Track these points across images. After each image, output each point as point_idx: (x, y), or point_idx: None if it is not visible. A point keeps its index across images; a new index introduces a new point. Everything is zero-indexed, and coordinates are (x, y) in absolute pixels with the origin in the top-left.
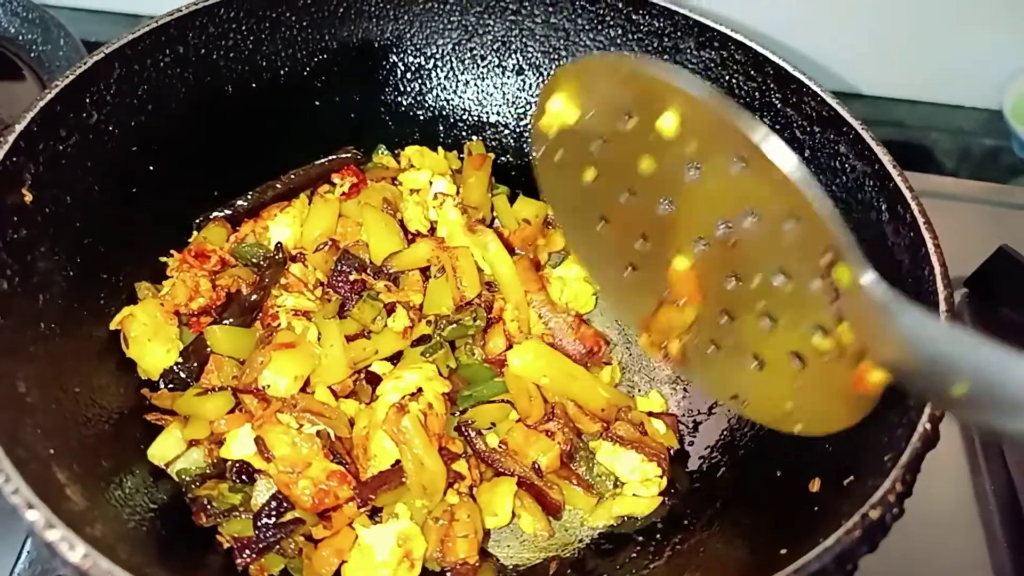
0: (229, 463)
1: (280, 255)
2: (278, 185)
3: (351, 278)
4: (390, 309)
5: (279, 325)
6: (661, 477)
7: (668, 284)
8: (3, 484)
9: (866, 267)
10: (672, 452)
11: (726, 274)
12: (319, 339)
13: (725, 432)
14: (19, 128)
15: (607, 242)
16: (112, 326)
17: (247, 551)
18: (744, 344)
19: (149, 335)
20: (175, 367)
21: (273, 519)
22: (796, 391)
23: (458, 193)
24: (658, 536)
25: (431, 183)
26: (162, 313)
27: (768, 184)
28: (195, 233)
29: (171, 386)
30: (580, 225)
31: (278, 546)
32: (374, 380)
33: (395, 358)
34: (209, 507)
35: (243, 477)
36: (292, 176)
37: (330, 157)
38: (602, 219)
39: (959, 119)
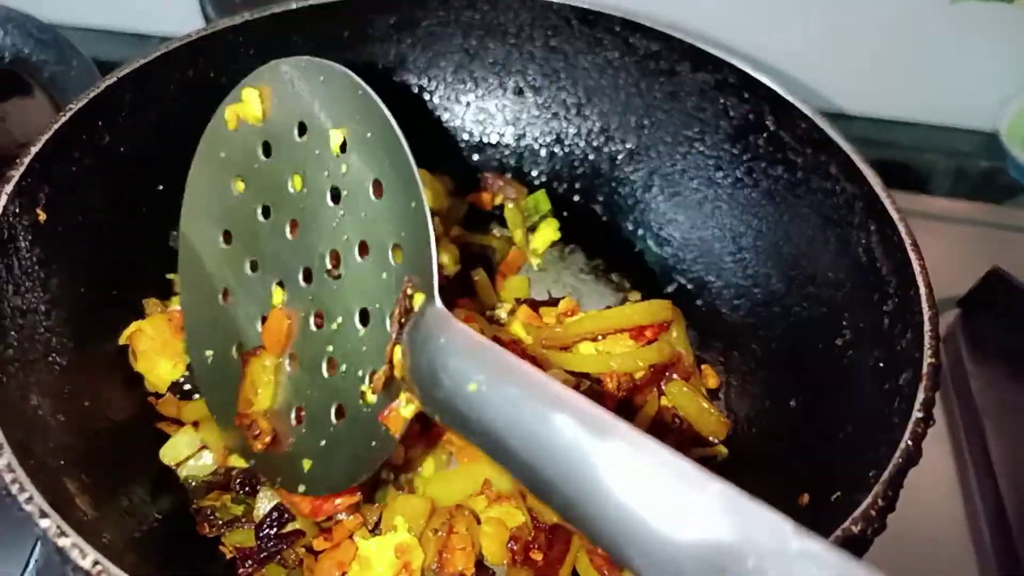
0: (235, 473)
1: None
2: None
3: None
4: None
5: None
6: None
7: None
8: (18, 493)
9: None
10: None
11: (311, 314)
12: None
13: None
14: (34, 150)
15: (216, 261)
16: (121, 341)
17: (249, 561)
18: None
19: (157, 349)
20: (182, 380)
21: (274, 529)
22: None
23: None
24: None
25: None
26: (170, 328)
27: (395, 214)
28: None
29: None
30: (200, 235)
31: (279, 557)
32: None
33: None
34: (212, 517)
35: (247, 488)
36: None
37: None
38: (226, 232)
39: (955, 140)
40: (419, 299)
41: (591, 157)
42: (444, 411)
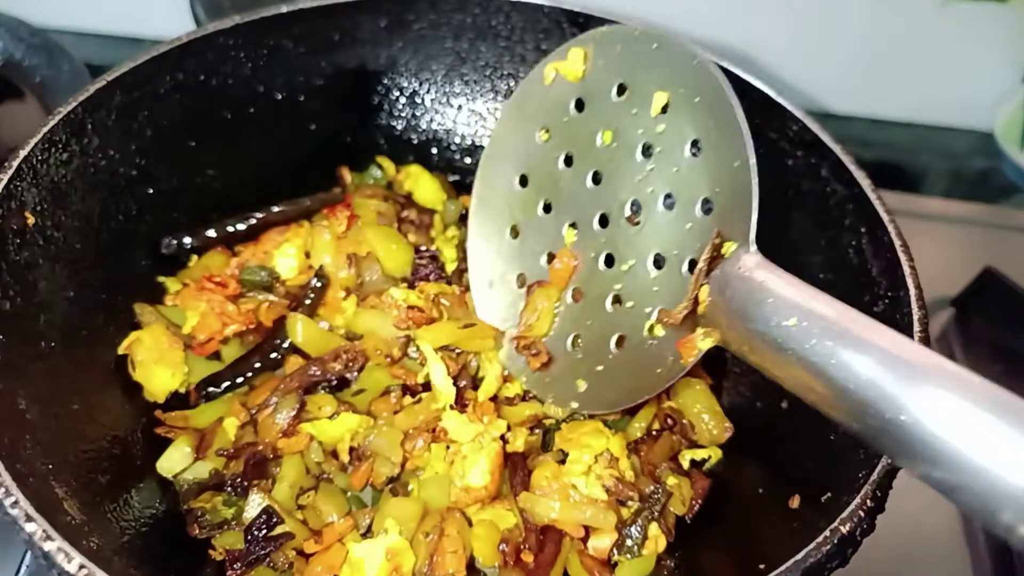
0: (229, 475)
1: (321, 281)
2: (271, 213)
3: None
4: None
5: None
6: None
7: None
8: (3, 497)
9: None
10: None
11: (601, 255)
12: None
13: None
14: (23, 153)
15: (510, 201)
16: (120, 351)
17: (238, 563)
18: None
19: (155, 359)
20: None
21: (263, 532)
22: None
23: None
24: None
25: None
26: (168, 338)
27: (711, 171)
28: (194, 257)
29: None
30: (498, 177)
31: (269, 560)
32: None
33: None
34: (202, 519)
35: (240, 489)
36: (278, 211)
37: (313, 196)
38: (523, 176)
39: (949, 141)
40: (729, 247)
41: None
42: (754, 342)
